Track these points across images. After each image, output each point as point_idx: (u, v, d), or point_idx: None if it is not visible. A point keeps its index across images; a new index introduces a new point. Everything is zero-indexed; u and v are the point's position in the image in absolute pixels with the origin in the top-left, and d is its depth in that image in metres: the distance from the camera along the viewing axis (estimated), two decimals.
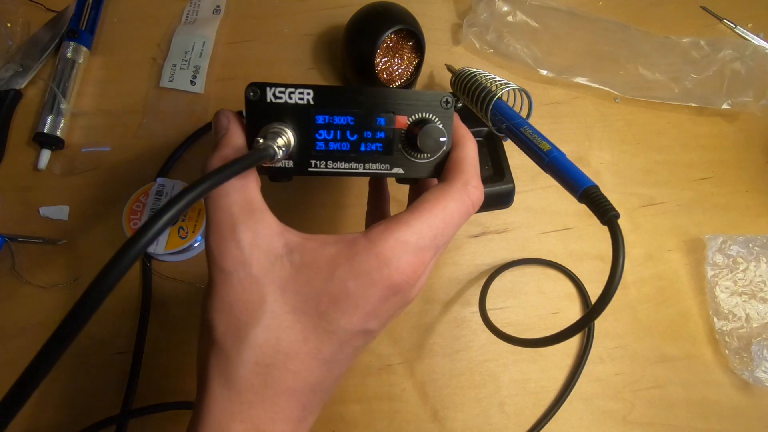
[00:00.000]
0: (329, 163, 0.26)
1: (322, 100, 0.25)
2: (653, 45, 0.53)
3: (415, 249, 0.22)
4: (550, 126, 0.51)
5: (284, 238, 0.23)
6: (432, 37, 0.50)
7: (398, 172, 0.27)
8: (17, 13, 0.47)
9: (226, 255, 0.22)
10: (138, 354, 0.39)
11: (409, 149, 0.26)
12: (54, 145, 0.44)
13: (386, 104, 0.25)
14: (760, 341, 0.43)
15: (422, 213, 0.23)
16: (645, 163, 0.51)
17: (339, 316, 0.22)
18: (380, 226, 0.23)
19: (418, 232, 0.23)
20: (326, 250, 0.23)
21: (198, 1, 0.51)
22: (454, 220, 0.24)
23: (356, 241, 0.22)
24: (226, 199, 0.23)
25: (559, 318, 0.45)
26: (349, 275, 0.22)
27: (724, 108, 0.52)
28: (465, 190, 0.25)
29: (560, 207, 0.48)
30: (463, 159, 0.26)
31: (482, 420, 0.41)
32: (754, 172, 0.52)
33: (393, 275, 0.22)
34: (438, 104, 0.26)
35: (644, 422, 0.42)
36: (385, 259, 0.22)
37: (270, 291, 0.22)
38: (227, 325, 0.21)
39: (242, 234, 0.22)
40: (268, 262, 0.22)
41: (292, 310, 0.22)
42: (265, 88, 0.24)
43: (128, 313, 0.40)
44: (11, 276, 0.40)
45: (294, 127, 0.25)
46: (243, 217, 0.22)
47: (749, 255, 0.47)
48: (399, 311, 0.25)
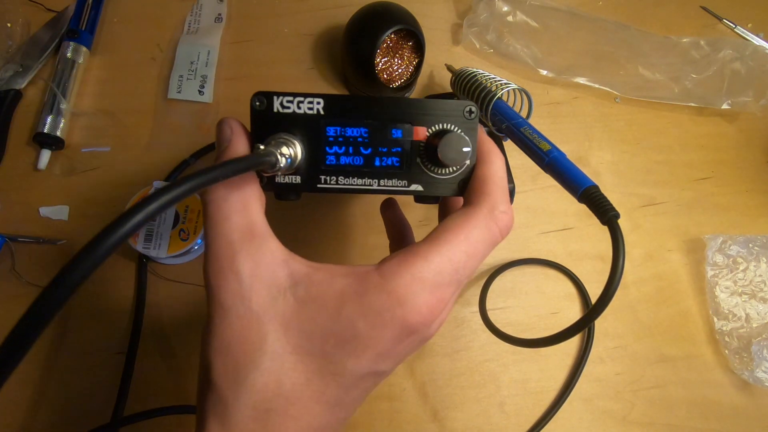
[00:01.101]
0: (340, 179, 0.24)
1: (333, 110, 0.23)
2: (653, 45, 0.53)
3: (434, 286, 0.20)
4: (550, 126, 0.51)
5: (289, 267, 0.21)
6: (432, 37, 0.50)
7: (417, 190, 0.24)
8: (17, 13, 0.47)
9: (224, 288, 0.20)
10: (130, 358, 0.39)
11: (429, 163, 0.24)
12: (54, 145, 0.44)
13: (403, 114, 0.23)
14: (760, 341, 0.43)
15: (442, 244, 0.21)
16: (645, 163, 0.51)
17: (346, 357, 0.20)
18: (395, 259, 0.21)
19: (437, 267, 0.20)
20: (335, 284, 0.21)
21: (199, 10, 0.51)
22: (479, 251, 0.22)
23: (368, 276, 0.20)
24: (225, 224, 0.21)
25: (559, 318, 0.45)
26: (359, 314, 0.20)
27: (724, 108, 0.52)
28: (491, 215, 0.22)
29: (560, 207, 0.48)
30: (489, 177, 0.23)
31: (482, 420, 0.41)
32: (754, 172, 0.52)
33: (408, 316, 0.20)
34: (460, 114, 0.24)
35: (644, 422, 0.42)
36: (399, 297, 0.20)
37: (271, 329, 0.20)
38: (225, 366, 0.20)
39: (242, 264, 0.20)
40: (270, 296, 0.20)
41: (294, 350, 0.20)
42: (272, 97, 0.23)
43: (128, 314, 0.40)
44: (11, 276, 0.40)
45: (303, 140, 0.23)
46: (243, 244, 0.20)
47: (749, 255, 0.47)
48: (415, 350, 0.23)
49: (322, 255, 0.44)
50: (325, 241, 0.44)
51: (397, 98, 0.23)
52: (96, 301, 0.41)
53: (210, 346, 0.20)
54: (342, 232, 0.45)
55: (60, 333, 0.39)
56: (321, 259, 0.42)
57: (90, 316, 0.40)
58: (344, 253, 0.44)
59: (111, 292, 0.41)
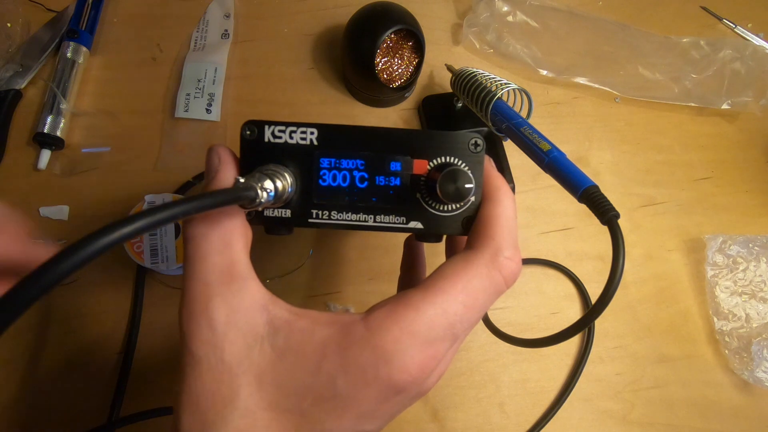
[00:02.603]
0: (333, 213, 0.22)
1: (327, 141, 0.22)
2: (653, 45, 0.53)
3: (425, 342, 0.18)
4: (550, 126, 0.51)
5: (268, 313, 0.19)
6: (432, 37, 0.50)
7: (417, 227, 0.23)
8: (17, 13, 0.47)
9: (196, 336, 0.18)
10: (128, 358, 0.39)
11: (430, 199, 0.23)
12: (54, 145, 0.44)
13: (402, 146, 0.22)
14: (760, 341, 0.43)
15: (437, 293, 0.19)
16: (645, 163, 0.51)
17: (325, 417, 0.18)
18: (384, 308, 0.19)
19: (430, 321, 0.18)
20: (316, 334, 0.19)
21: (205, 26, 0.50)
22: (478, 302, 0.20)
23: (353, 327, 0.19)
24: (203, 263, 0.19)
25: (559, 318, 0.45)
26: (340, 370, 0.18)
27: (724, 108, 0.52)
28: (494, 262, 0.20)
29: (560, 207, 0.48)
30: (494, 218, 0.21)
31: (482, 420, 0.41)
32: (754, 172, 0.52)
33: (394, 375, 0.18)
34: (465, 146, 0.22)
35: (644, 422, 0.42)
36: (386, 354, 0.18)
37: (244, 383, 0.18)
38: (192, 422, 0.18)
39: (216, 310, 0.18)
40: (246, 345, 0.18)
41: (269, 406, 0.18)
42: (263, 126, 0.22)
43: (126, 315, 0.40)
44: None
45: (295, 171, 0.22)
46: (221, 287, 0.19)
47: (749, 255, 0.47)
48: (407, 406, 0.21)
49: (321, 254, 0.44)
50: (325, 241, 0.44)
51: (397, 129, 0.22)
52: (95, 301, 0.41)
53: (179, 398, 0.19)
54: (340, 231, 0.45)
55: (59, 333, 0.39)
56: (320, 258, 0.42)
57: (89, 316, 0.40)
58: (343, 254, 0.44)
59: (110, 292, 0.41)
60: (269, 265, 0.43)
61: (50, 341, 0.39)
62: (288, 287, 0.43)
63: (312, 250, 0.44)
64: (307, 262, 0.43)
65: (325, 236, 0.44)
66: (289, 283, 0.43)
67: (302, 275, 0.43)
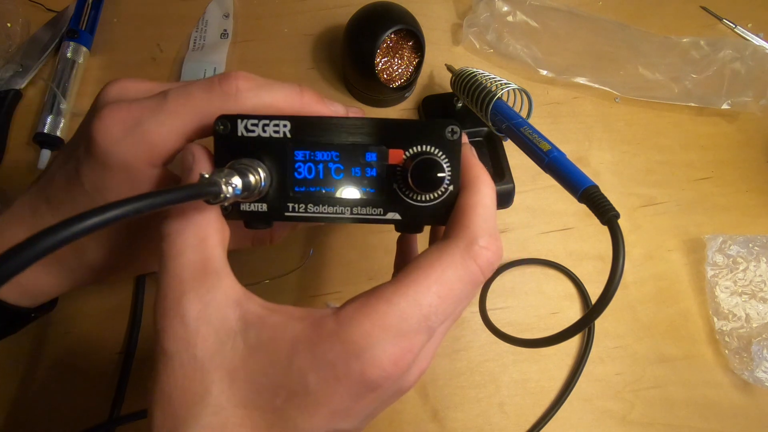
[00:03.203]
0: (310, 206, 0.22)
1: (301, 133, 0.22)
2: (653, 45, 0.53)
3: (397, 335, 0.18)
4: (550, 126, 0.51)
5: (241, 309, 0.19)
6: (432, 37, 0.50)
7: (394, 218, 0.23)
8: (17, 13, 0.47)
9: (168, 333, 0.18)
10: (127, 361, 0.39)
11: (407, 189, 0.22)
12: (54, 145, 0.44)
13: (378, 136, 0.22)
14: (760, 341, 0.43)
15: (409, 285, 0.18)
16: (645, 163, 0.51)
17: (297, 414, 0.18)
18: (355, 302, 0.19)
19: (402, 313, 0.18)
20: (288, 329, 0.18)
21: (204, 26, 0.50)
22: (454, 292, 0.19)
23: (323, 322, 0.18)
24: (177, 260, 0.19)
25: (559, 318, 0.45)
26: (310, 366, 0.18)
27: (724, 108, 0.52)
28: (469, 251, 0.19)
29: (560, 207, 0.48)
30: (471, 207, 0.21)
31: (482, 420, 0.41)
32: (754, 172, 0.52)
33: (366, 370, 0.17)
34: (441, 134, 0.22)
35: (644, 422, 0.42)
36: (356, 348, 0.17)
37: (216, 379, 0.18)
38: (164, 419, 0.18)
39: (188, 306, 0.18)
40: (218, 341, 0.18)
41: (241, 403, 0.18)
42: (236, 120, 0.21)
43: (127, 314, 0.40)
44: None
45: (270, 165, 0.22)
46: (193, 283, 0.19)
47: (749, 255, 0.47)
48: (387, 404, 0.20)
49: (321, 254, 0.44)
50: (325, 241, 0.44)
51: (371, 119, 0.22)
52: (95, 301, 0.41)
53: (152, 395, 0.18)
54: (342, 230, 0.45)
55: (59, 333, 0.39)
56: (320, 258, 0.42)
57: (89, 316, 0.40)
58: (343, 254, 0.44)
59: (110, 292, 0.41)
60: (269, 265, 0.43)
61: (50, 341, 0.39)
62: (288, 287, 0.43)
63: (312, 250, 0.44)
64: (307, 262, 0.43)
65: (325, 236, 0.44)
66: (289, 283, 0.43)
67: (302, 275, 0.43)
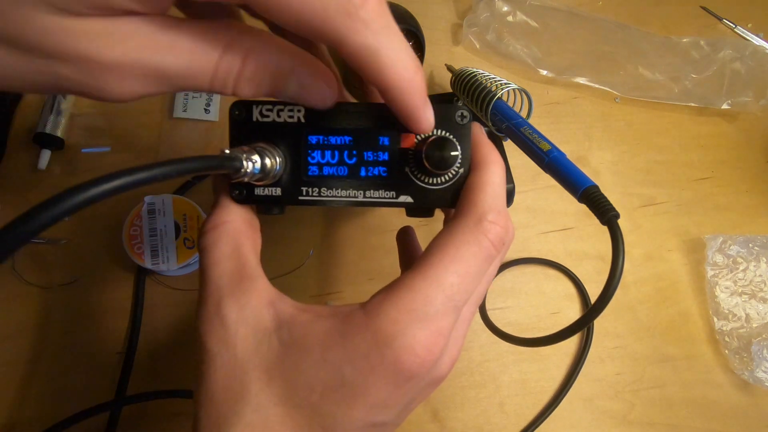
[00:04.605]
0: (323, 190, 0.23)
1: (315, 118, 0.22)
2: (653, 45, 0.53)
3: (425, 319, 0.18)
4: (550, 126, 0.51)
5: (274, 309, 0.20)
6: (432, 37, 0.50)
7: (407, 201, 0.23)
8: None
9: (210, 334, 0.19)
10: (127, 361, 0.39)
11: (419, 172, 0.23)
12: (54, 145, 0.43)
13: (390, 120, 0.22)
14: (760, 341, 0.43)
15: (428, 269, 0.19)
16: (645, 163, 0.51)
17: (335, 408, 0.18)
18: (380, 295, 0.19)
19: (425, 296, 0.18)
20: (318, 326, 0.19)
21: None
22: (472, 269, 0.19)
23: (352, 315, 0.19)
24: (215, 268, 0.20)
25: (559, 318, 0.45)
26: (343, 359, 0.18)
27: (724, 108, 0.52)
28: (479, 227, 0.19)
29: (560, 207, 0.48)
30: (479, 185, 0.21)
31: (482, 420, 0.41)
32: (754, 172, 0.52)
33: (400, 357, 0.17)
34: (452, 118, 0.22)
35: (644, 422, 0.42)
36: (386, 337, 0.18)
37: (255, 377, 0.18)
38: (208, 417, 0.18)
39: (227, 308, 0.19)
40: (255, 341, 0.19)
41: (280, 401, 0.18)
42: (251, 106, 0.22)
43: (127, 314, 0.41)
44: (11, 276, 0.40)
45: (284, 149, 0.22)
46: (231, 288, 0.20)
47: (749, 255, 0.47)
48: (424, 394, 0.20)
49: (321, 254, 0.44)
50: (326, 241, 0.44)
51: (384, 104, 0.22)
52: (95, 301, 0.41)
53: (197, 396, 0.19)
54: (342, 230, 0.45)
55: (59, 333, 0.39)
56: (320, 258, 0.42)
57: (89, 316, 0.40)
58: (343, 254, 0.44)
59: (110, 292, 0.41)
60: (270, 265, 0.42)
61: (50, 341, 0.39)
62: (288, 287, 0.43)
63: (312, 250, 0.44)
64: (308, 262, 0.43)
65: (325, 236, 0.44)
66: (290, 283, 0.43)
67: (302, 275, 0.43)
